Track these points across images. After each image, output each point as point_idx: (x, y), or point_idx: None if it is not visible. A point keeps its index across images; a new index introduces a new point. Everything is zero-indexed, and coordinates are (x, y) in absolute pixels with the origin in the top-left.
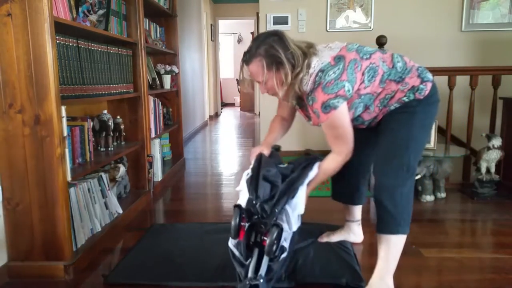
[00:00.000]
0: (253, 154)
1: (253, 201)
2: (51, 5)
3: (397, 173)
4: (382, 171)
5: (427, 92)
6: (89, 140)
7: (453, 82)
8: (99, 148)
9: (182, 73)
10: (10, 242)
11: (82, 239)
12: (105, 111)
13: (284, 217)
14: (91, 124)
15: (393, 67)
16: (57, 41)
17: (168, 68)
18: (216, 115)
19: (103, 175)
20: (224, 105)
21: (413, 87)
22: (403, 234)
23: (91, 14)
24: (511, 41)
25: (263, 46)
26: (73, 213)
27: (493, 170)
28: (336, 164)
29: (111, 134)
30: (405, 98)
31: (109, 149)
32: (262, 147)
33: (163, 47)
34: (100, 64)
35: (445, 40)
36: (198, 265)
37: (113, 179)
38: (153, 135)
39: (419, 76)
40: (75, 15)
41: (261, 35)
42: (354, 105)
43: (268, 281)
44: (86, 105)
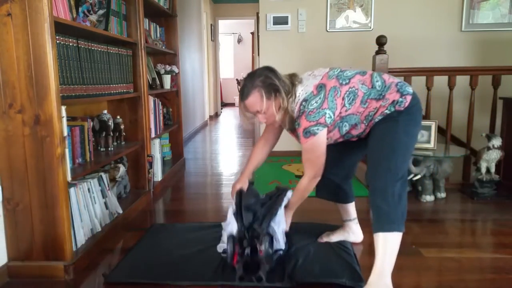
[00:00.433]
0: (233, 190)
1: (242, 229)
2: (51, 5)
3: (386, 176)
4: (372, 176)
5: (407, 104)
6: (89, 140)
7: (453, 82)
8: (99, 148)
9: (182, 73)
10: (10, 242)
11: (82, 239)
12: (105, 111)
13: (271, 232)
14: (91, 124)
15: (372, 87)
16: (57, 41)
17: (168, 68)
18: (216, 115)
19: (103, 175)
20: (224, 105)
21: (393, 101)
22: (398, 232)
23: (91, 14)
24: (511, 41)
25: (258, 78)
26: (73, 213)
27: (493, 170)
28: (305, 184)
29: (111, 134)
30: (386, 111)
31: (109, 149)
32: (240, 183)
33: (163, 47)
34: (100, 64)
35: (445, 40)
36: (198, 264)
37: (113, 179)
38: (153, 135)
39: (398, 91)
40: (75, 15)
41: (252, 72)
42: (337, 125)
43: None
44: (86, 105)
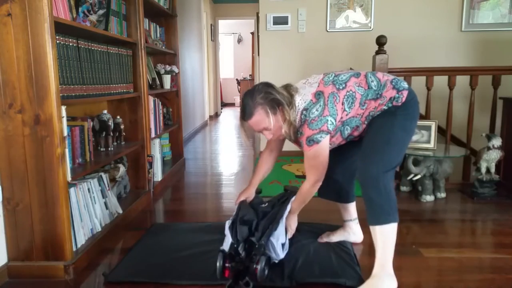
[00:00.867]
0: (237, 200)
1: (234, 245)
2: (51, 5)
3: (377, 167)
4: (364, 166)
5: (404, 99)
6: (89, 140)
7: (453, 82)
8: (99, 148)
9: (182, 73)
10: (10, 242)
11: (82, 239)
12: (105, 111)
13: (270, 247)
14: (91, 124)
15: (368, 88)
16: (57, 41)
17: (168, 68)
18: (216, 115)
19: (103, 175)
20: (224, 105)
21: (390, 98)
22: (394, 223)
23: (91, 14)
24: (511, 41)
25: (259, 95)
26: (73, 213)
27: (493, 170)
28: (308, 189)
29: (111, 134)
30: (385, 107)
31: (109, 149)
32: (245, 193)
33: (163, 47)
34: (100, 64)
35: (445, 40)
36: (198, 264)
37: (113, 179)
38: (153, 135)
39: (394, 88)
40: (75, 15)
41: (251, 90)
42: (339, 129)
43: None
44: (86, 105)
